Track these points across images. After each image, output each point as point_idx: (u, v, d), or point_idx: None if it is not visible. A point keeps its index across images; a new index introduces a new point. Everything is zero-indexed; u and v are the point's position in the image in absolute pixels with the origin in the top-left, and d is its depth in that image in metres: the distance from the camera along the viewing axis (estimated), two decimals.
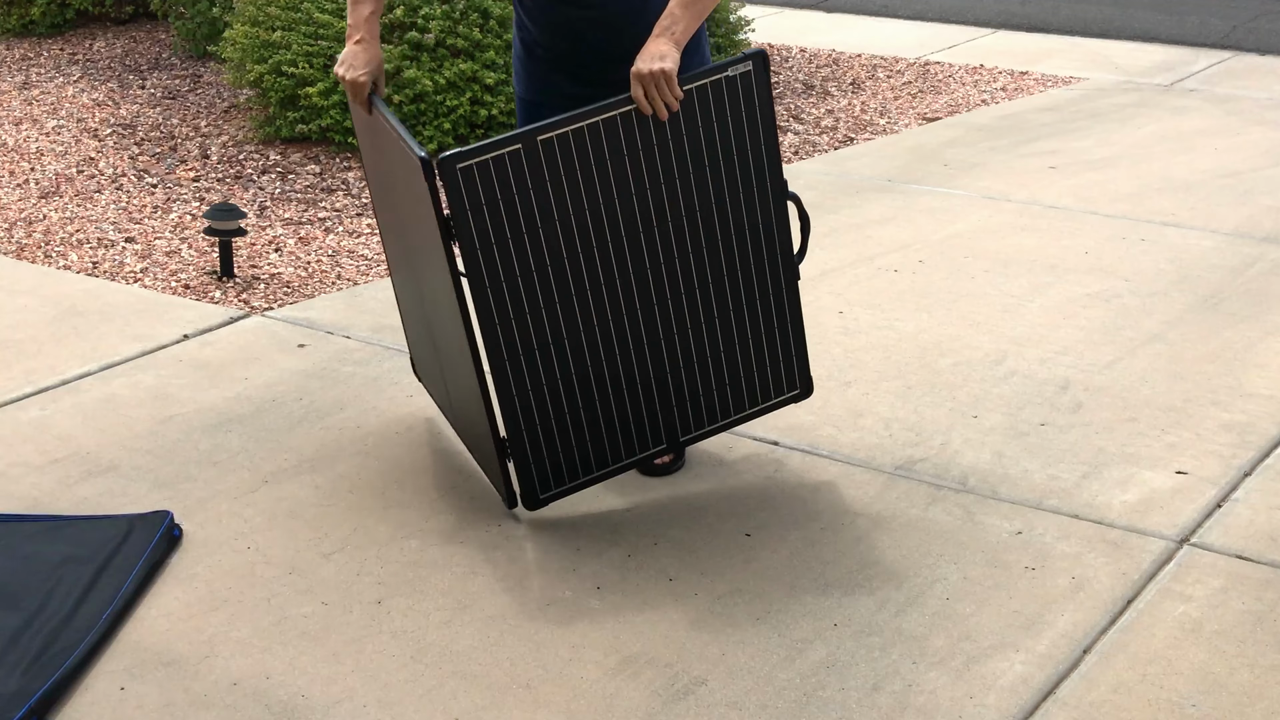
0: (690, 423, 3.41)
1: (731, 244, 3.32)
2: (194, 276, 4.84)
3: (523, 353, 3.22)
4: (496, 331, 3.20)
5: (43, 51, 7.74)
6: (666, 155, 3.20)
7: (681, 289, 3.30)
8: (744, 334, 3.39)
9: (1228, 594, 3.08)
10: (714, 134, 3.23)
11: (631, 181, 3.19)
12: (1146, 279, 4.79)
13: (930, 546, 3.25)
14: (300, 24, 6.12)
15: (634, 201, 3.21)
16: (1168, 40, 8.58)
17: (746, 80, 3.21)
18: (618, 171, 3.18)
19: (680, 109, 3.16)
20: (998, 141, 6.43)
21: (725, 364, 3.40)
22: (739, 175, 3.28)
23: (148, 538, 3.21)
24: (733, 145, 3.25)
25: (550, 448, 3.32)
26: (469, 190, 3.09)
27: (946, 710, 2.72)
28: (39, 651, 2.83)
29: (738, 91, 3.21)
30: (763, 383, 3.46)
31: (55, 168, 5.94)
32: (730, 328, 3.38)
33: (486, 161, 3.08)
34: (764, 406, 3.47)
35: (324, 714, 2.72)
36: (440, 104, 5.95)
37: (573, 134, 3.12)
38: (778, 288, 3.39)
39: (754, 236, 3.33)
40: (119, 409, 3.89)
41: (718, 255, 3.31)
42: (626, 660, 2.87)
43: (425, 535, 3.29)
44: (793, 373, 3.48)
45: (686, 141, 3.20)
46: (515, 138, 3.09)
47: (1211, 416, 3.84)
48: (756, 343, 3.41)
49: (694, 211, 3.26)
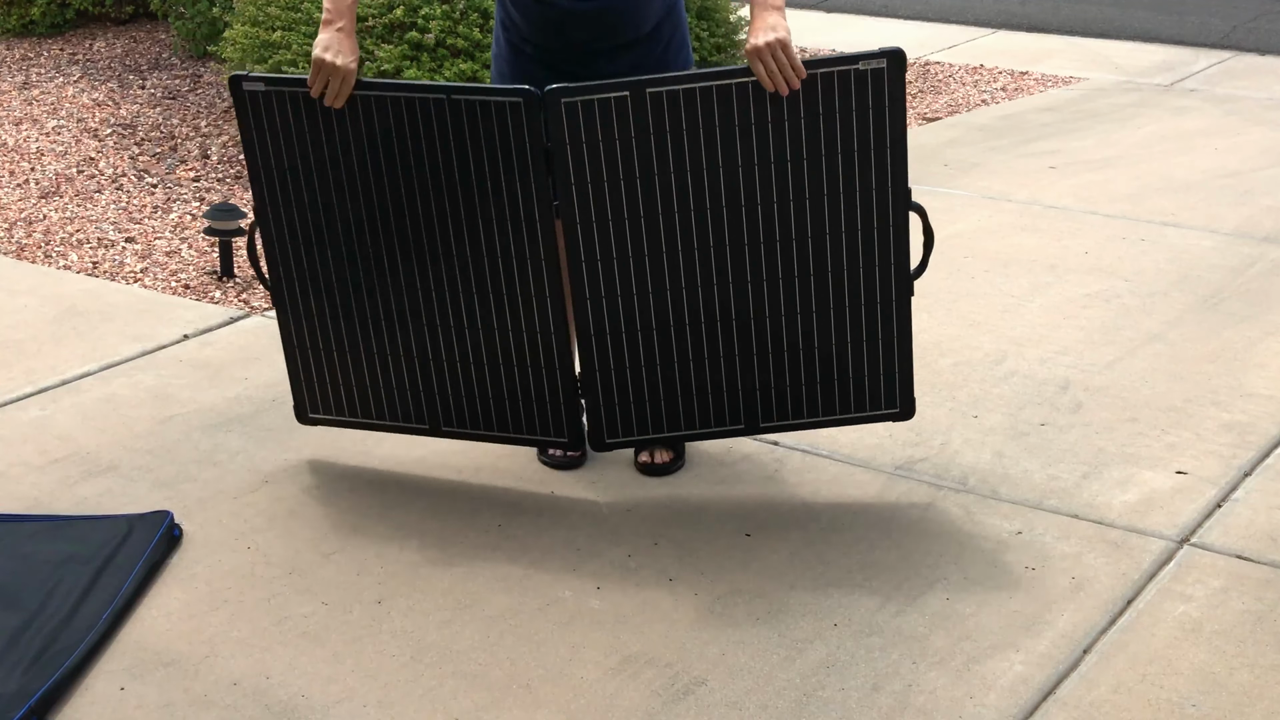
0: (773, 411, 3.37)
1: (840, 242, 3.24)
2: (194, 276, 4.84)
3: (605, 295, 3.25)
4: (582, 269, 3.24)
5: (43, 51, 7.74)
6: (780, 136, 3.14)
7: (780, 274, 3.25)
8: (843, 336, 3.31)
9: (1228, 594, 3.08)
10: (835, 126, 3.14)
11: (740, 154, 3.15)
12: (1146, 279, 4.79)
13: (930, 546, 3.25)
14: (300, 24, 6.12)
15: (739, 175, 3.17)
16: (1168, 40, 8.58)
17: (878, 77, 3.11)
18: (725, 140, 3.14)
19: (801, 93, 3.10)
20: (998, 141, 6.43)
21: (819, 361, 3.33)
22: (857, 174, 3.19)
23: (148, 538, 3.21)
24: (854, 142, 3.16)
25: (623, 396, 3.36)
26: (570, 125, 3.13)
27: (946, 710, 2.72)
28: (39, 651, 2.83)
29: (866, 87, 3.12)
30: (858, 392, 3.37)
31: (55, 168, 5.94)
32: (829, 327, 3.30)
33: (592, 101, 3.12)
34: (856, 416, 3.39)
35: (324, 714, 2.72)
36: None
37: (683, 93, 3.11)
38: (886, 298, 3.29)
39: (866, 239, 3.24)
40: (119, 409, 3.89)
41: (824, 250, 3.24)
42: (626, 660, 2.87)
43: (425, 535, 3.29)
44: (893, 390, 3.37)
45: (804, 127, 3.14)
46: (624, 84, 3.11)
47: (1211, 416, 3.84)
48: (856, 349, 3.32)
49: (803, 200, 3.19)
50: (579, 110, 3.13)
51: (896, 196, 3.22)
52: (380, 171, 3.28)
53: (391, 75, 5.94)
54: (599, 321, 3.29)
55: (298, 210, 3.35)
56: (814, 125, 3.14)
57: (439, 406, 3.46)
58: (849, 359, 3.34)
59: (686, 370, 3.34)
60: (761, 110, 3.12)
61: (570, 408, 3.40)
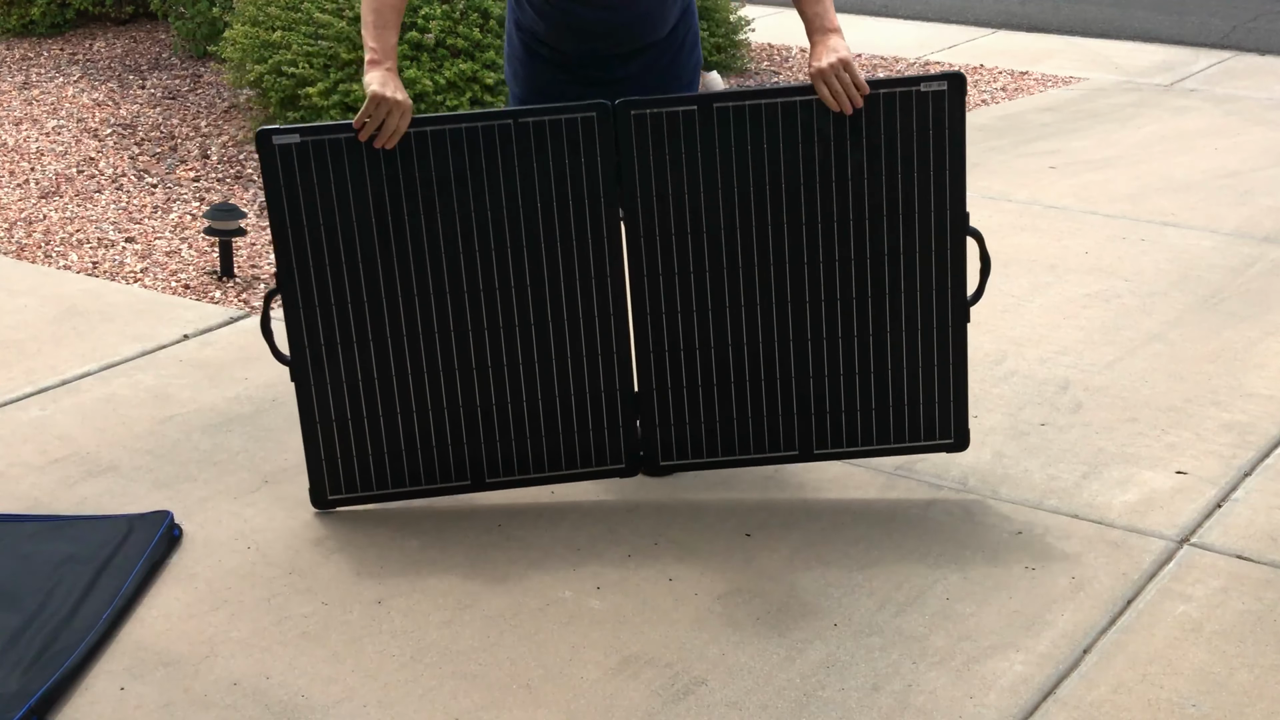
0: (828, 438, 3.35)
1: (899, 265, 3.23)
2: (194, 276, 4.84)
3: (665, 311, 3.24)
4: (644, 285, 3.22)
5: (43, 51, 7.74)
6: (842, 155, 3.17)
7: (838, 295, 3.24)
8: (898, 363, 3.29)
9: (1228, 594, 3.07)
10: (895, 146, 3.17)
11: (801, 171, 3.18)
12: (1146, 279, 4.79)
13: (930, 546, 3.25)
14: (300, 24, 6.12)
15: (800, 192, 3.18)
16: (1168, 40, 8.58)
17: (939, 100, 3.16)
18: (788, 158, 3.17)
19: (863, 112, 3.13)
20: (998, 141, 6.43)
21: (874, 388, 3.31)
22: (916, 196, 3.20)
23: (148, 538, 3.21)
24: (914, 163, 3.18)
25: (679, 417, 3.32)
26: (639, 138, 3.14)
27: (946, 710, 2.72)
28: (39, 651, 2.83)
29: (927, 109, 3.16)
30: (912, 420, 3.35)
31: (55, 168, 5.94)
32: (885, 352, 3.29)
33: (661, 114, 3.13)
34: (909, 446, 3.38)
35: (324, 714, 2.72)
36: (440, 104, 5.94)
37: (749, 109, 3.13)
38: (943, 324, 3.28)
39: (924, 263, 3.24)
40: (119, 409, 3.89)
41: (881, 273, 3.23)
42: (626, 660, 2.86)
43: (425, 535, 3.29)
44: (947, 419, 3.36)
45: (866, 146, 3.17)
46: (692, 99, 3.13)
47: (1211, 416, 3.84)
48: (911, 376, 3.31)
49: (862, 219, 3.20)
50: (648, 123, 3.14)
51: (955, 220, 3.23)
52: (433, 212, 3.15)
53: None
54: (658, 339, 3.27)
55: (331, 270, 3.16)
56: (875, 145, 3.18)
57: (484, 457, 3.31)
58: (904, 386, 3.32)
59: (743, 391, 3.32)
60: (825, 128, 3.16)
61: (628, 433, 3.34)
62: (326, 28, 6.03)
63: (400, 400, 3.26)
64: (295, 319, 3.21)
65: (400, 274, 3.18)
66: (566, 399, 3.30)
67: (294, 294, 3.19)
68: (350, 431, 3.27)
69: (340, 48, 5.99)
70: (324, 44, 6.03)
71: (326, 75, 5.99)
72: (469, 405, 3.27)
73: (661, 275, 3.23)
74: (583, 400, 3.30)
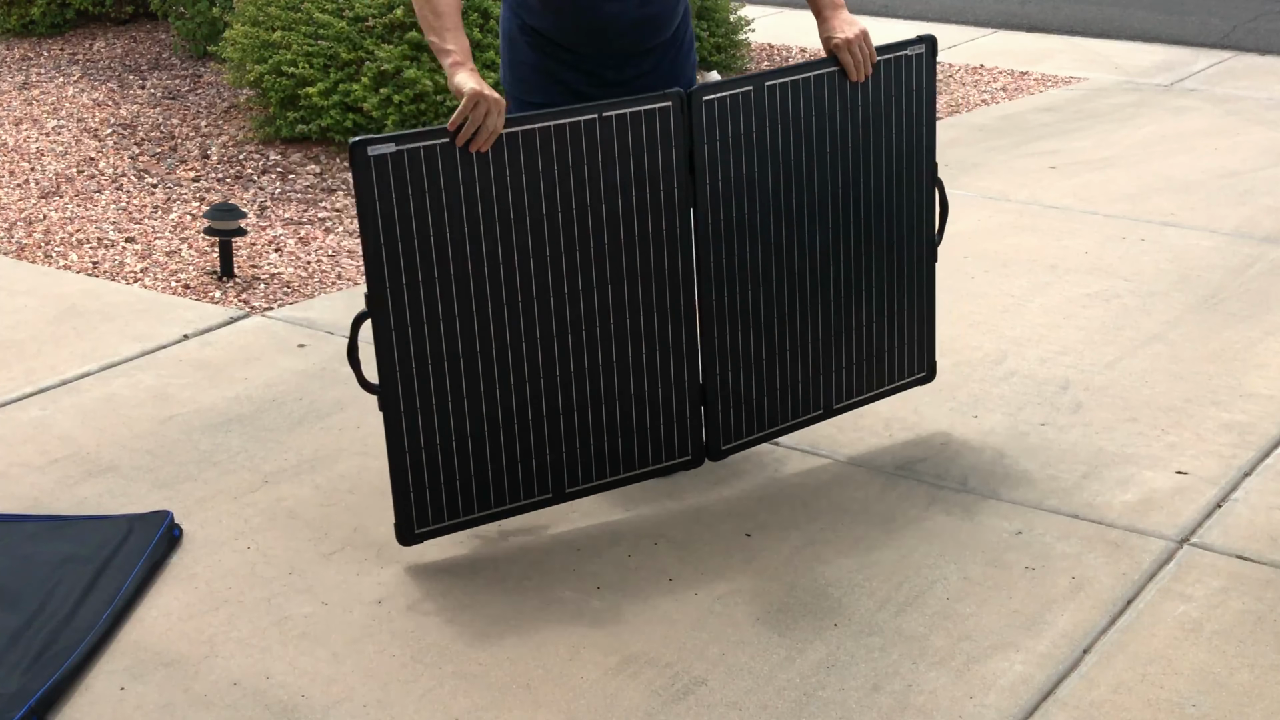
0: (841, 393, 3.57)
1: (896, 216, 3.49)
2: (194, 276, 4.84)
3: (728, 292, 3.32)
4: (710, 267, 3.27)
5: (43, 51, 7.74)
6: (857, 121, 3.38)
7: (851, 255, 3.45)
8: (892, 309, 3.56)
9: (1228, 594, 3.07)
10: (891, 108, 3.41)
11: (829, 140, 3.36)
12: (1146, 279, 4.79)
13: (930, 546, 3.25)
14: (300, 24, 6.12)
15: (829, 161, 3.36)
16: (1168, 40, 8.58)
17: (919, 62, 3.43)
18: (819, 129, 3.33)
19: (871, 79, 3.37)
20: (998, 141, 6.43)
21: (875, 337, 3.56)
22: (903, 152, 3.46)
23: (148, 538, 3.21)
24: (903, 122, 3.44)
25: (737, 398, 3.41)
26: (709, 123, 3.19)
27: (946, 710, 2.72)
28: (39, 651, 2.83)
29: (912, 71, 3.42)
30: (899, 360, 3.63)
31: (55, 168, 5.94)
32: (883, 301, 3.53)
33: (725, 98, 3.20)
34: (892, 388, 3.63)
35: (324, 714, 2.72)
36: (440, 104, 5.95)
37: (791, 84, 3.27)
38: (920, 266, 3.56)
39: (909, 212, 3.50)
40: (119, 409, 3.89)
41: (881, 229, 3.47)
42: (626, 660, 2.87)
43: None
44: (922, 355, 3.66)
45: (871, 111, 3.39)
46: (747, 79, 3.22)
47: (1211, 416, 3.84)
48: (901, 320, 3.58)
49: (869, 179, 3.43)
50: (715, 108, 3.19)
51: (930, 168, 3.52)
52: (523, 216, 3.05)
53: (391, 75, 5.94)
54: (722, 325, 3.32)
55: (424, 286, 2.98)
56: (878, 109, 3.40)
57: (564, 467, 3.24)
58: (895, 330, 3.59)
59: (785, 362, 3.44)
60: (844, 96, 3.36)
61: (694, 424, 3.36)
62: (326, 28, 6.04)
63: (488, 418, 3.12)
64: (387, 342, 2.99)
65: (491, 284, 3.05)
66: (641, 398, 3.27)
67: (386, 316, 2.97)
68: (439, 458, 3.10)
69: (340, 48, 5.99)
70: (324, 44, 6.03)
71: (326, 75, 5.99)
72: (552, 415, 3.19)
73: (725, 259, 3.28)
74: (655, 397, 3.29)
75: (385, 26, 6.05)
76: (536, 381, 3.15)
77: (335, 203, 5.58)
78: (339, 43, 6.01)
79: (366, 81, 5.90)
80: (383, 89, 5.88)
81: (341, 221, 5.38)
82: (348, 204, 5.57)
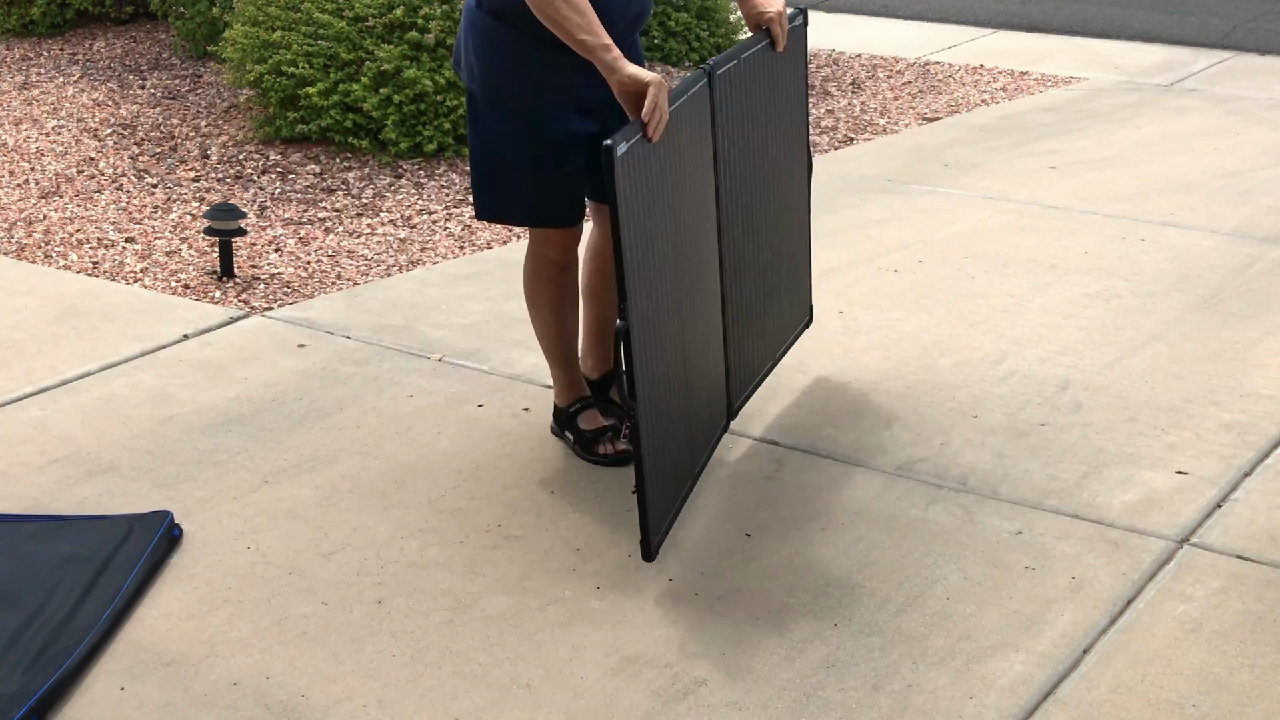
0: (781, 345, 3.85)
1: (795, 172, 3.80)
2: (194, 276, 4.84)
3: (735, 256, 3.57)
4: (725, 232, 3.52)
5: (43, 51, 7.74)
6: (786, 84, 3.68)
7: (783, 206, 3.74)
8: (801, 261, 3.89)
9: (1228, 594, 3.08)
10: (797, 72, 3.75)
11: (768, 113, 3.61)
12: (1146, 279, 4.79)
13: (930, 546, 3.25)
14: (300, 24, 6.12)
15: (766, 131, 3.59)
16: (1168, 40, 8.58)
17: (803, 32, 3.75)
18: (763, 102, 3.56)
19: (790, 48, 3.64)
20: (998, 141, 6.43)
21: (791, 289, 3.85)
22: (796, 112, 3.76)
23: (148, 538, 3.21)
24: (796, 85, 3.76)
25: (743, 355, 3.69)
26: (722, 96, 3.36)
27: (946, 710, 2.72)
28: (39, 651, 2.83)
29: (799, 40, 3.73)
30: (800, 309, 3.97)
31: (55, 168, 5.94)
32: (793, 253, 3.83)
33: (729, 71, 3.38)
34: (797, 335, 3.95)
35: (324, 714, 2.72)
36: (440, 104, 5.95)
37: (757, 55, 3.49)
38: (806, 219, 3.92)
39: (803, 168, 3.84)
40: (119, 409, 3.89)
41: (790, 182, 3.77)
42: (626, 660, 2.87)
43: (425, 535, 3.29)
44: (806, 302, 4.00)
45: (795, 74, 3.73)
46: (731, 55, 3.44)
47: (1211, 416, 3.84)
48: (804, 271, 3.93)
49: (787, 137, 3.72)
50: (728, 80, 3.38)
51: (807, 125, 3.87)
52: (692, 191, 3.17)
53: (391, 75, 5.94)
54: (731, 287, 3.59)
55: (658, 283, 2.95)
56: (798, 71, 3.75)
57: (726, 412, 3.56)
58: (799, 281, 3.92)
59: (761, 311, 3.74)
60: (775, 68, 3.61)
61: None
62: (326, 28, 6.04)
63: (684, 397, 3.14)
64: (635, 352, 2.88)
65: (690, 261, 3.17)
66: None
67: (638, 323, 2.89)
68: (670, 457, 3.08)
69: (340, 48, 5.99)
70: (324, 44, 6.03)
71: (326, 75, 5.99)
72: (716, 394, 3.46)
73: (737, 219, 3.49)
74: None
75: (385, 26, 6.05)
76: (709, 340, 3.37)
77: (335, 203, 5.58)
78: (339, 43, 6.01)
79: (366, 81, 5.90)
80: (383, 89, 5.88)
81: (341, 221, 5.38)
82: (347, 204, 5.57)
